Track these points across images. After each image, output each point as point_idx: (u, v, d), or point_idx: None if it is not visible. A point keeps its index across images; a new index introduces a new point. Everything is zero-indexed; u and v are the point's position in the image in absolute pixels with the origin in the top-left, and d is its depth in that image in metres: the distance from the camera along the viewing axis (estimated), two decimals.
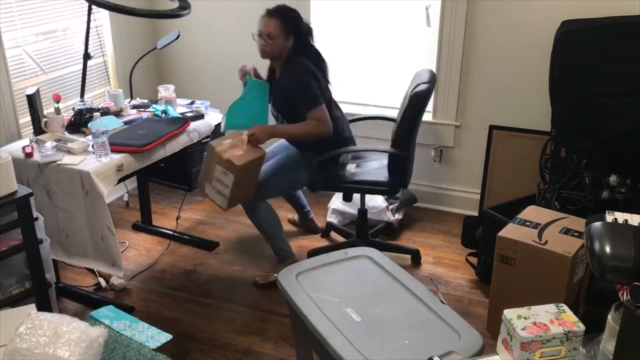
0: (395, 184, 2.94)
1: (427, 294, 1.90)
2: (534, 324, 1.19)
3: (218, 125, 3.14)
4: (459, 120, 3.55)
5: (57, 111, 2.85)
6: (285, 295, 1.94)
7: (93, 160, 2.54)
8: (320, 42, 3.76)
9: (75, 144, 2.64)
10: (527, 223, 2.51)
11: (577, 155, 2.80)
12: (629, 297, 1.06)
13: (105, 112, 2.99)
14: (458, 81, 3.45)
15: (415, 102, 2.76)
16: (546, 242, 2.37)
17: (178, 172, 3.13)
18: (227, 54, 3.96)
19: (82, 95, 3.14)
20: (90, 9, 2.99)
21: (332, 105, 2.97)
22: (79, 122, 2.87)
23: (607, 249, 1.13)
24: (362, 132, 3.43)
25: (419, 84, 2.81)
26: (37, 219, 2.36)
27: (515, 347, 1.18)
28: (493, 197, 3.36)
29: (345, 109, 3.74)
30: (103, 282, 2.98)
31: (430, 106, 3.39)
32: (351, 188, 2.99)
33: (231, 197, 2.66)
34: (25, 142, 2.72)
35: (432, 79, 2.86)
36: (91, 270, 3.06)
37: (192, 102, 3.31)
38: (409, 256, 3.21)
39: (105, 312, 2.10)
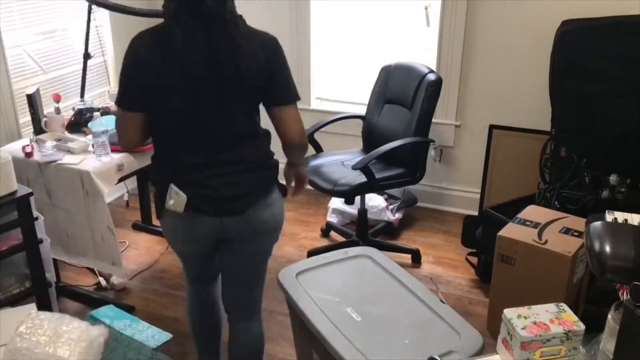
0: (421, 169, 3.03)
1: (427, 293, 1.90)
2: (534, 323, 1.19)
3: None
4: (459, 119, 3.55)
5: (57, 111, 2.85)
6: (285, 295, 1.94)
7: (93, 160, 2.54)
8: (319, 41, 3.78)
9: (75, 144, 2.64)
10: (527, 223, 2.51)
11: (577, 155, 2.80)
12: (629, 297, 1.06)
13: (105, 111, 2.99)
14: (458, 81, 3.45)
15: (434, 90, 2.96)
16: (546, 241, 2.37)
17: None
18: None
19: (82, 95, 3.14)
20: (90, 9, 2.99)
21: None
22: (79, 122, 2.87)
23: (607, 249, 1.13)
24: (358, 132, 3.42)
25: (426, 74, 2.99)
26: (37, 218, 2.36)
27: (515, 346, 1.18)
28: (493, 196, 3.36)
29: (345, 108, 3.77)
30: (103, 282, 2.98)
31: None
32: (383, 185, 2.98)
33: None
34: (25, 141, 2.72)
35: (421, 69, 3.06)
36: (91, 270, 3.06)
37: None
38: (409, 256, 3.22)
39: (106, 312, 2.10)
